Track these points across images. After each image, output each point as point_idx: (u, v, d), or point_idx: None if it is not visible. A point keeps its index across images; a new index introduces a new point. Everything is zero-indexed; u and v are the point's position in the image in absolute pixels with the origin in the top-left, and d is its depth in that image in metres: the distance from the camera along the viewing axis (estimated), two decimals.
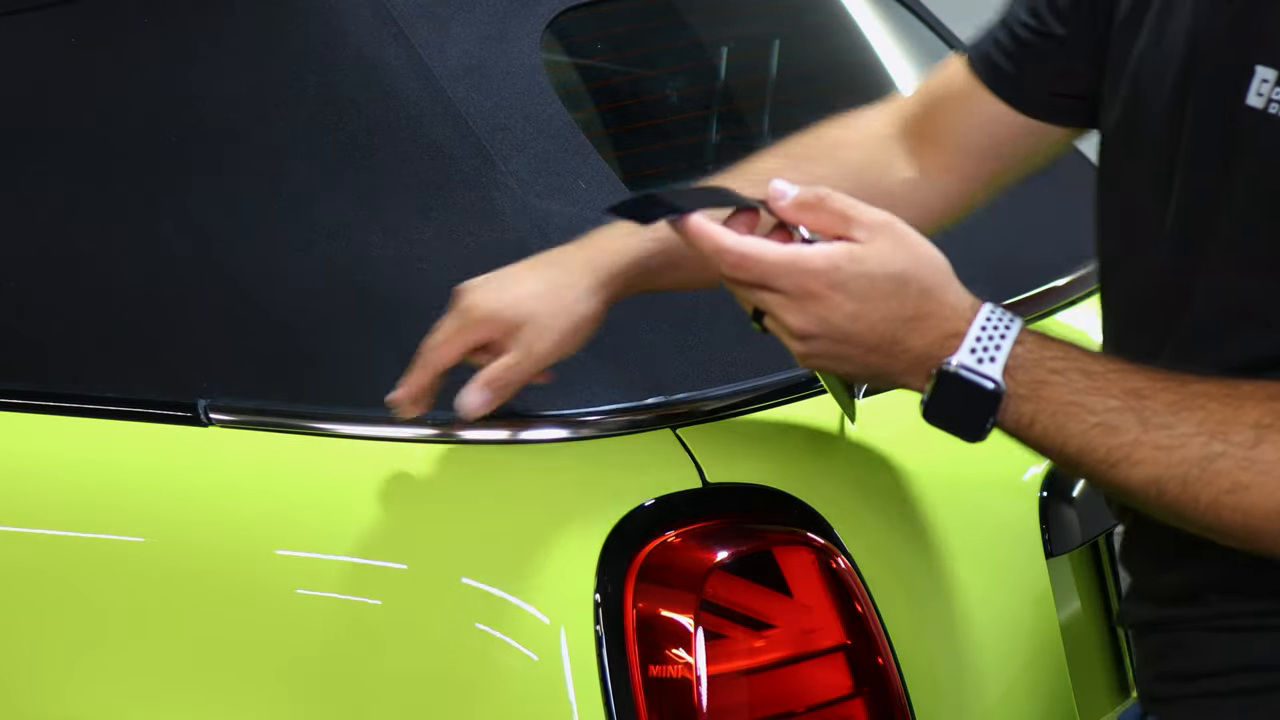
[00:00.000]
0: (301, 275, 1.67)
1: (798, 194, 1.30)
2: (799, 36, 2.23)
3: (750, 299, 1.31)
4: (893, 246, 1.28)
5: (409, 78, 1.70)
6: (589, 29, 1.97)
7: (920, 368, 1.29)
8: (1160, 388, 1.26)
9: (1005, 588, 1.69)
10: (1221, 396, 1.25)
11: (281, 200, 1.70)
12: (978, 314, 1.29)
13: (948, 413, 1.29)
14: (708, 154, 2.06)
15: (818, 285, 1.27)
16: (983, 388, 1.27)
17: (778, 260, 1.28)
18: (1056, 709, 1.71)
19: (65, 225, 1.79)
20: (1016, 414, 1.28)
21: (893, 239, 1.29)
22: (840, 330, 1.28)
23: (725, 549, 1.50)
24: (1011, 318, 1.29)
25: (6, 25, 1.86)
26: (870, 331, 1.28)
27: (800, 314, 1.28)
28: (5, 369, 1.78)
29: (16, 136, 1.84)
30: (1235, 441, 1.23)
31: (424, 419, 1.55)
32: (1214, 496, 1.24)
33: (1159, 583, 1.42)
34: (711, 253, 1.30)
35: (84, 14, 1.83)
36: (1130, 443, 1.25)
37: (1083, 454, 1.27)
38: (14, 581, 1.70)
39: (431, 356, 1.50)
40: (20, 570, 1.70)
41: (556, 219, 1.66)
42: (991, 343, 1.28)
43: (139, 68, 1.79)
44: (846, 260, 1.27)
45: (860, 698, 1.51)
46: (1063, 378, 1.27)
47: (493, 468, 1.56)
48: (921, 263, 1.29)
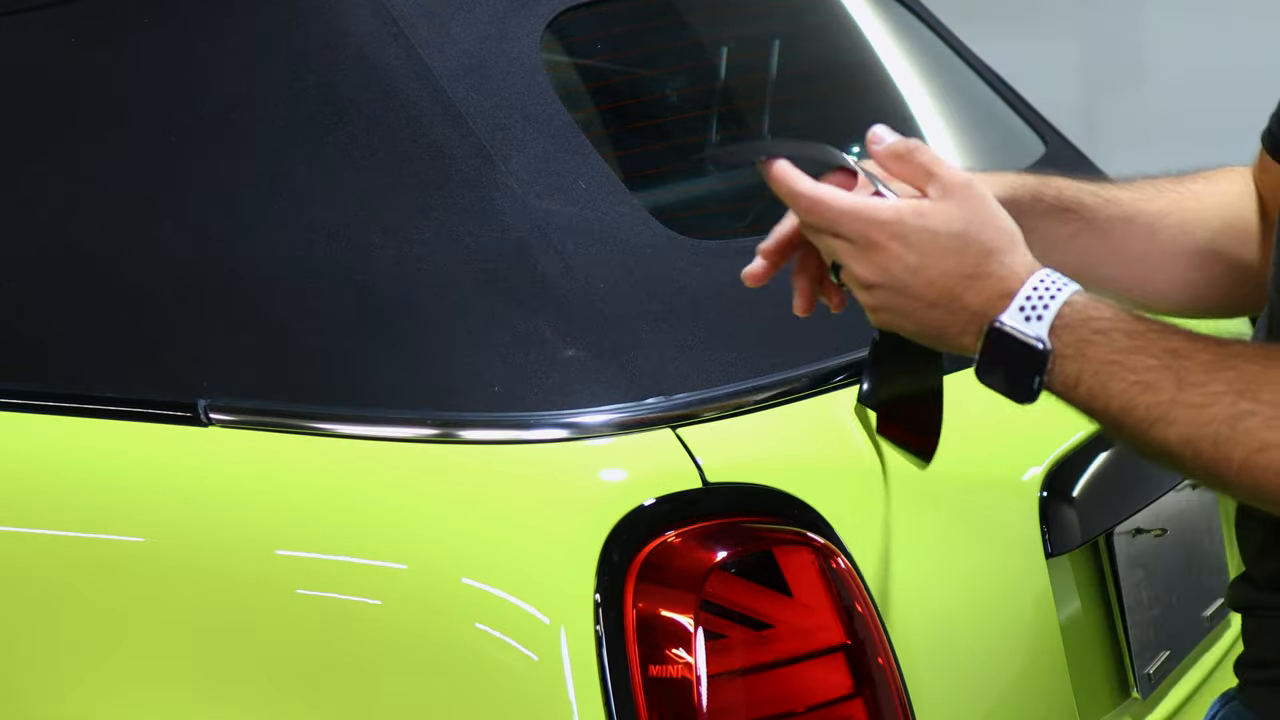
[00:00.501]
0: (301, 275, 1.67)
1: (892, 142, 1.36)
2: (799, 36, 2.23)
3: (824, 246, 1.36)
4: (960, 207, 1.32)
5: (409, 78, 1.70)
6: (589, 29, 1.97)
7: (974, 326, 1.32)
8: (1199, 348, 1.27)
9: (1005, 588, 1.69)
10: (1256, 357, 1.26)
11: (281, 200, 1.70)
12: (1031, 275, 1.31)
13: (996, 371, 1.31)
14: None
15: (881, 235, 1.32)
16: (1030, 346, 1.29)
17: (846, 208, 1.33)
18: (1056, 709, 1.71)
19: (65, 225, 1.79)
20: (1063, 374, 1.29)
21: (963, 200, 1.33)
22: (900, 282, 1.32)
23: (725, 549, 1.50)
24: (1065, 282, 1.31)
25: (6, 25, 1.86)
26: (929, 287, 1.32)
27: (865, 263, 1.33)
28: (5, 369, 1.77)
29: (16, 136, 1.84)
30: (1265, 400, 1.23)
31: (424, 419, 1.55)
32: (1245, 456, 1.23)
33: (1259, 568, 1.43)
34: (787, 196, 1.36)
35: (84, 14, 1.83)
36: (1167, 401, 1.26)
37: (1124, 414, 1.28)
38: (14, 582, 1.70)
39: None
40: (20, 570, 1.70)
41: (556, 219, 1.66)
42: (1041, 302, 1.29)
43: (139, 68, 1.79)
44: (912, 215, 1.32)
45: (860, 698, 1.51)
46: (1105, 337, 1.28)
47: (493, 468, 1.56)
48: (987, 226, 1.32)
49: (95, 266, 1.76)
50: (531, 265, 1.63)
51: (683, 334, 1.64)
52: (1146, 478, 1.90)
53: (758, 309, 1.70)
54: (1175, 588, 1.95)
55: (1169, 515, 1.95)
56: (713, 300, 1.68)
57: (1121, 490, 1.85)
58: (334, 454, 1.61)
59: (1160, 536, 1.92)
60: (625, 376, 1.58)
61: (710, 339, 1.65)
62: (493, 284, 1.62)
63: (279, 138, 1.71)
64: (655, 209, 1.74)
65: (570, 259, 1.63)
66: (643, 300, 1.64)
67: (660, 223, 1.71)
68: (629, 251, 1.67)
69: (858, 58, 2.28)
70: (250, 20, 1.76)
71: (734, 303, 1.69)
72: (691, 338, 1.64)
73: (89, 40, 1.82)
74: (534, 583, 1.50)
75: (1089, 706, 1.77)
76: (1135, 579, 1.86)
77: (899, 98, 2.28)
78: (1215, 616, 2.03)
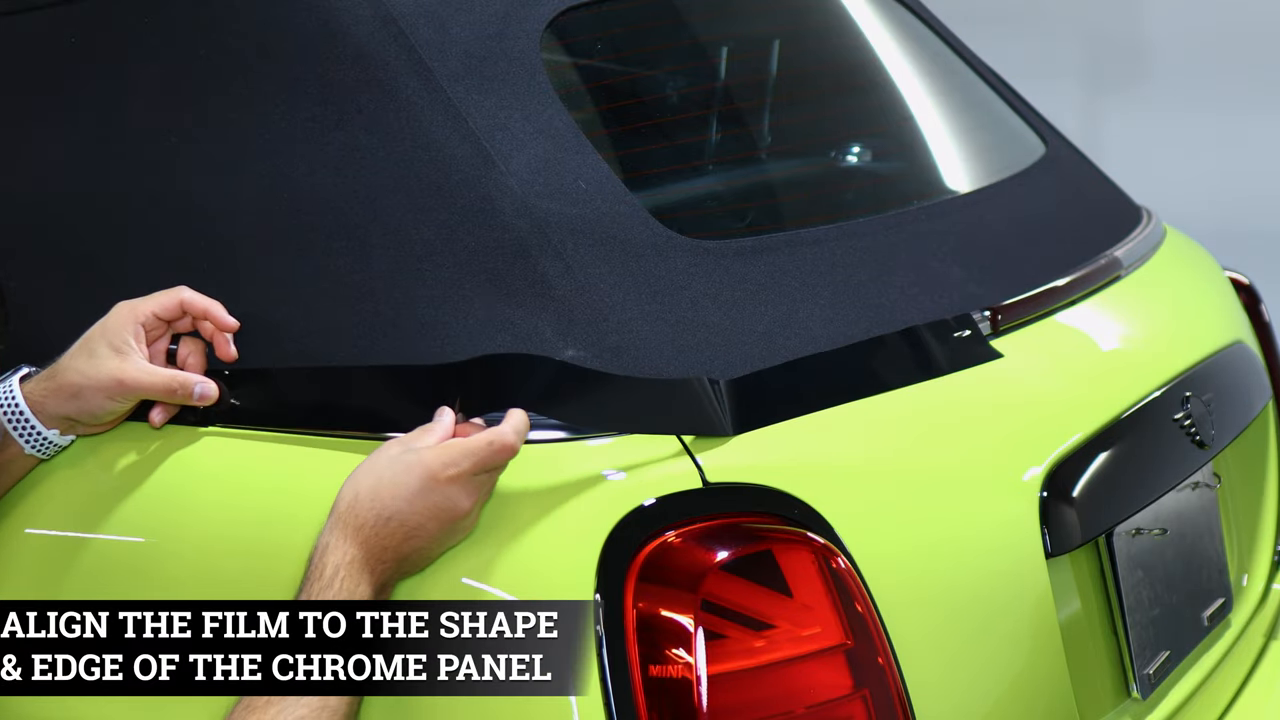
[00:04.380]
0: (301, 275, 1.67)
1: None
2: (799, 36, 2.23)
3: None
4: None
5: (409, 77, 1.70)
6: (589, 29, 1.97)
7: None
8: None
9: (1005, 588, 1.69)
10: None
11: (281, 200, 1.70)
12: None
13: None
14: (708, 154, 2.06)
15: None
16: None
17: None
18: (1056, 709, 1.71)
19: (65, 225, 1.79)
20: None
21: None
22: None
23: (725, 549, 1.50)
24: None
25: (6, 25, 1.86)
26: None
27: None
28: (5, 368, 1.77)
29: (16, 136, 1.84)
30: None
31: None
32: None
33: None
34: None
35: (84, 14, 1.83)
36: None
37: None
38: (14, 582, 1.70)
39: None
40: (20, 571, 1.70)
41: (556, 219, 1.66)
42: None
43: (138, 67, 1.79)
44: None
45: (860, 698, 1.51)
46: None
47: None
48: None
49: (95, 266, 1.76)
50: (531, 265, 1.63)
51: (683, 334, 1.64)
52: (1146, 478, 1.90)
53: (758, 309, 1.70)
54: (1175, 588, 1.95)
55: (1169, 515, 1.95)
56: (713, 300, 1.68)
57: (1121, 490, 1.85)
58: (334, 454, 1.60)
59: (1160, 536, 1.92)
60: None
61: (710, 339, 1.65)
62: (493, 284, 1.62)
63: (278, 138, 1.71)
64: (655, 209, 1.74)
65: (570, 259, 1.63)
66: (643, 300, 1.64)
67: (660, 223, 1.72)
68: (629, 251, 1.67)
69: (858, 58, 2.28)
70: (250, 20, 1.76)
71: (734, 302, 1.69)
72: (691, 338, 1.64)
73: (89, 40, 1.82)
74: (534, 583, 1.50)
75: (1089, 706, 1.77)
76: (1135, 579, 1.86)
77: (899, 98, 2.28)
78: (1215, 616, 2.03)
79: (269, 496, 1.63)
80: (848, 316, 1.74)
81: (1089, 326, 2.01)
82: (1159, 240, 2.30)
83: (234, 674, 1.51)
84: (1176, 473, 1.95)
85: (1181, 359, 2.07)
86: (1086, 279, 2.02)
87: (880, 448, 1.66)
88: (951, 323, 1.78)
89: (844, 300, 1.76)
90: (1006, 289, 1.89)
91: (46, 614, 1.53)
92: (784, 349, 1.67)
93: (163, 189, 1.75)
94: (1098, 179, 2.39)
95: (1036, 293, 1.93)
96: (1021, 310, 1.89)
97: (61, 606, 1.53)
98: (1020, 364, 1.83)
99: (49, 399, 1.63)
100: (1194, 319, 2.23)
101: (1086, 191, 2.34)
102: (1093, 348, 2.02)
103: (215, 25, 1.77)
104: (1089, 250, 2.12)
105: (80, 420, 1.64)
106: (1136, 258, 2.18)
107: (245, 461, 1.64)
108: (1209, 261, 2.44)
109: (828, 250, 1.82)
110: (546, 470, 1.55)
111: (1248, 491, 2.26)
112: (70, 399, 1.62)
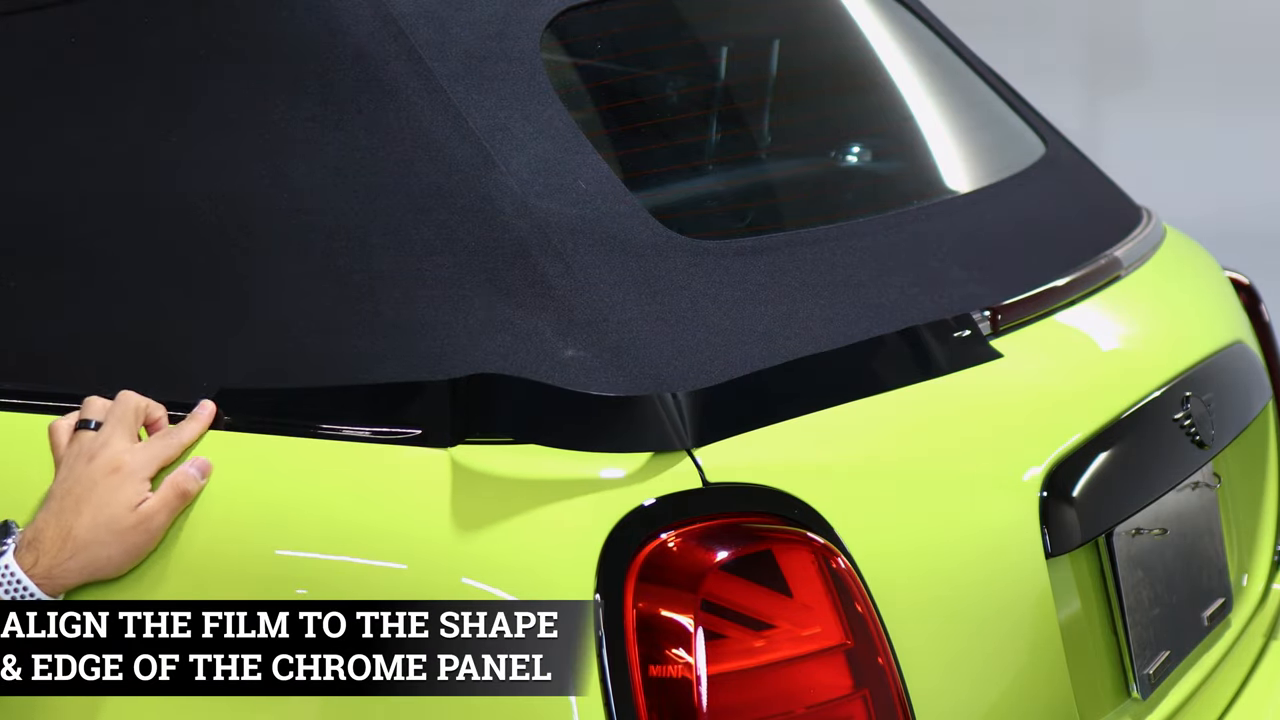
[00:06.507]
0: (301, 275, 1.67)
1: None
2: (799, 36, 2.23)
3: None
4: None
5: (409, 77, 1.70)
6: (589, 29, 1.97)
7: None
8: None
9: (1005, 588, 1.69)
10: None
11: (281, 200, 1.70)
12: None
13: None
14: (708, 154, 2.06)
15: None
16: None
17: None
18: (1056, 709, 1.71)
19: (65, 225, 1.79)
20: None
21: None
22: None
23: (725, 549, 1.50)
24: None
25: (6, 25, 1.86)
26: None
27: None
28: (5, 369, 1.78)
29: (16, 136, 1.84)
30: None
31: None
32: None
33: None
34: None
35: (84, 14, 1.83)
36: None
37: None
38: None
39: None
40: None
41: (556, 219, 1.66)
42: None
43: (138, 67, 1.79)
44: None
45: (860, 698, 1.51)
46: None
47: (493, 468, 1.56)
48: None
49: (96, 266, 1.76)
50: (531, 265, 1.63)
51: (683, 334, 1.64)
52: (1146, 478, 1.90)
53: (758, 309, 1.70)
54: (1175, 588, 1.95)
55: (1169, 515, 1.95)
56: (713, 300, 1.68)
57: (1121, 490, 1.85)
58: (334, 454, 1.61)
59: (1160, 536, 1.92)
60: (625, 376, 1.58)
61: (710, 339, 1.65)
62: (492, 284, 1.62)
63: (278, 138, 1.71)
64: (655, 209, 1.74)
65: (570, 259, 1.63)
66: (643, 300, 1.64)
67: (660, 223, 1.72)
68: (629, 251, 1.67)
69: (857, 58, 2.28)
70: (250, 20, 1.76)
71: (734, 302, 1.69)
72: (691, 338, 1.64)
73: (89, 40, 1.82)
74: (534, 583, 1.50)
75: (1089, 706, 1.77)
76: (1135, 579, 1.86)
77: (899, 98, 2.28)
78: (1215, 616, 2.03)
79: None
80: (847, 316, 1.74)
81: (1089, 326, 2.01)
82: (1159, 240, 2.30)
83: (234, 674, 1.51)
84: (1176, 473, 1.95)
85: (1181, 359, 2.07)
86: (1086, 279, 2.02)
87: (880, 447, 1.66)
88: (951, 323, 1.78)
89: (844, 300, 1.76)
90: (1006, 289, 1.89)
91: (46, 614, 1.53)
92: (784, 349, 1.67)
93: (163, 189, 1.75)
94: (1098, 179, 2.39)
95: (1036, 293, 1.93)
96: (1021, 310, 1.89)
97: (61, 606, 1.54)
98: (1020, 364, 1.83)
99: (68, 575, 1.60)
100: (1194, 319, 2.23)
101: (1086, 191, 2.34)
102: (1093, 348, 2.02)
103: (215, 25, 1.77)
104: (1089, 250, 2.12)
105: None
106: (1136, 258, 2.18)
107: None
108: (1209, 261, 2.44)
109: (828, 250, 1.82)
110: (546, 470, 1.55)
111: (1248, 491, 2.27)
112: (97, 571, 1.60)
